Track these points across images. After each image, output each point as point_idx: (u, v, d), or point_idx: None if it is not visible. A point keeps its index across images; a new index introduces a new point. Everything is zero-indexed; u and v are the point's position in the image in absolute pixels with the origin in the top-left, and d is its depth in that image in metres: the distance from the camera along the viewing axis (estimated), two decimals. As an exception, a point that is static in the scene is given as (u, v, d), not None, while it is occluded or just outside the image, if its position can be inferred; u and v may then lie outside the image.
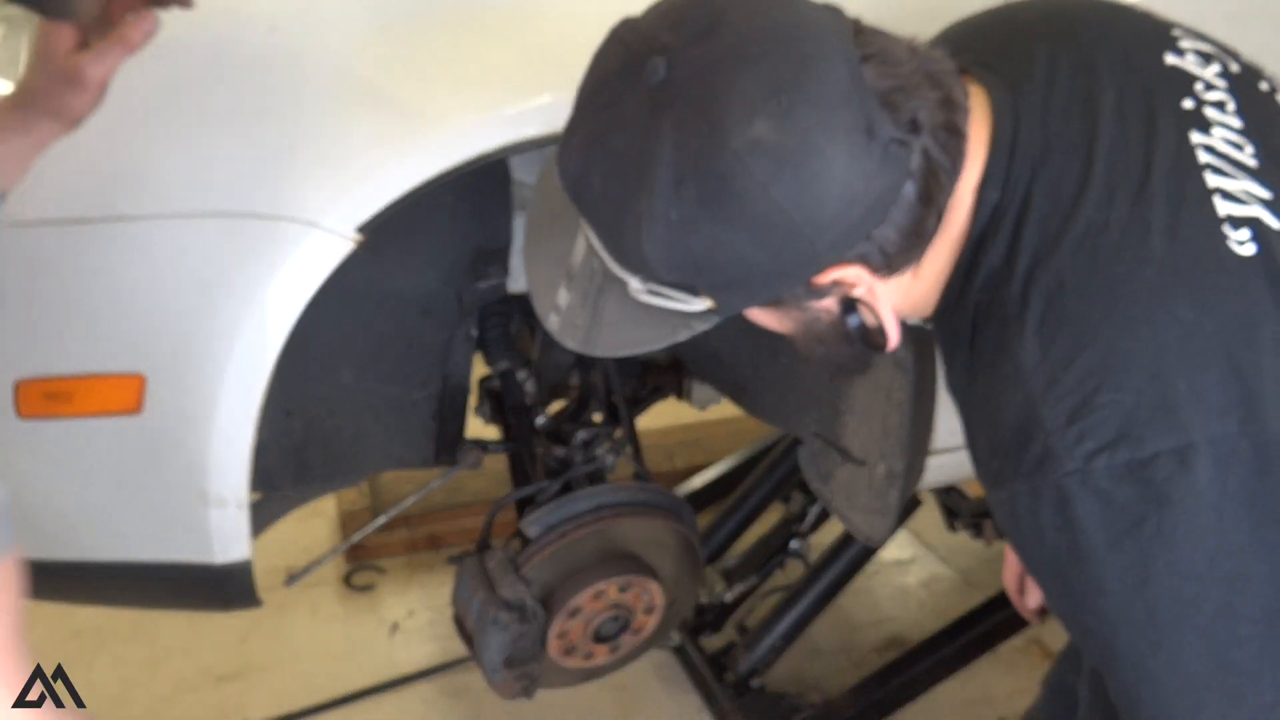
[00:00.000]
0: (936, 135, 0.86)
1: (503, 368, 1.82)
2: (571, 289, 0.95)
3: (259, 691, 2.36)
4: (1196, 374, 0.83)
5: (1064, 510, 0.84)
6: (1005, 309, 0.89)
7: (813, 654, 2.45)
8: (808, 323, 0.95)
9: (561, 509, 1.59)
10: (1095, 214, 0.88)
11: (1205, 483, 0.81)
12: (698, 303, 0.89)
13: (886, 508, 1.68)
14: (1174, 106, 0.93)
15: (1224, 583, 0.83)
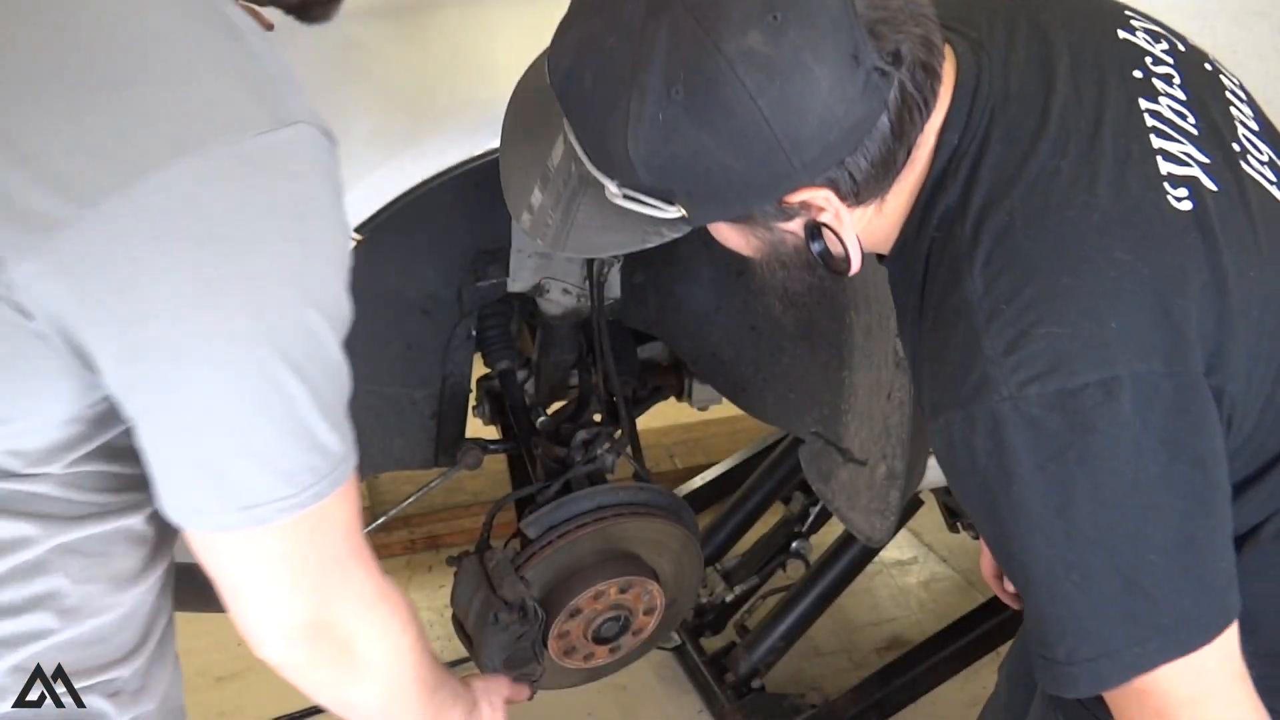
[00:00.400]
0: (914, 72, 0.89)
1: (502, 367, 1.82)
2: (546, 191, 0.97)
3: (258, 692, 2.36)
4: (1128, 313, 0.88)
5: (996, 435, 0.88)
6: (957, 246, 0.94)
7: (813, 655, 2.45)
8: (773, 244, 0.98)
9: (561, 509, 1.59)
10: (1048, 161, 0.93)
11: (1128, 415, 0.86)
12: (671, 210, 0.92)
13: (887, 508, 1.68)
14: (1124, 74, 0.99)
15: (1137, 511, 0.88)
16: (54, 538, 0.81)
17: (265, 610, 0.87)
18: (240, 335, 0.72)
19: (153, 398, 0.74)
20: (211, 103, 0.71)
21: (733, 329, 1.92)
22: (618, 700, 2.32)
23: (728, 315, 1.92)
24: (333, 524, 0.84)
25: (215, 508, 0.78)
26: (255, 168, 0.71)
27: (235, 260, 0.71)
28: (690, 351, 1.98)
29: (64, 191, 0.68)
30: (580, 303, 1.77)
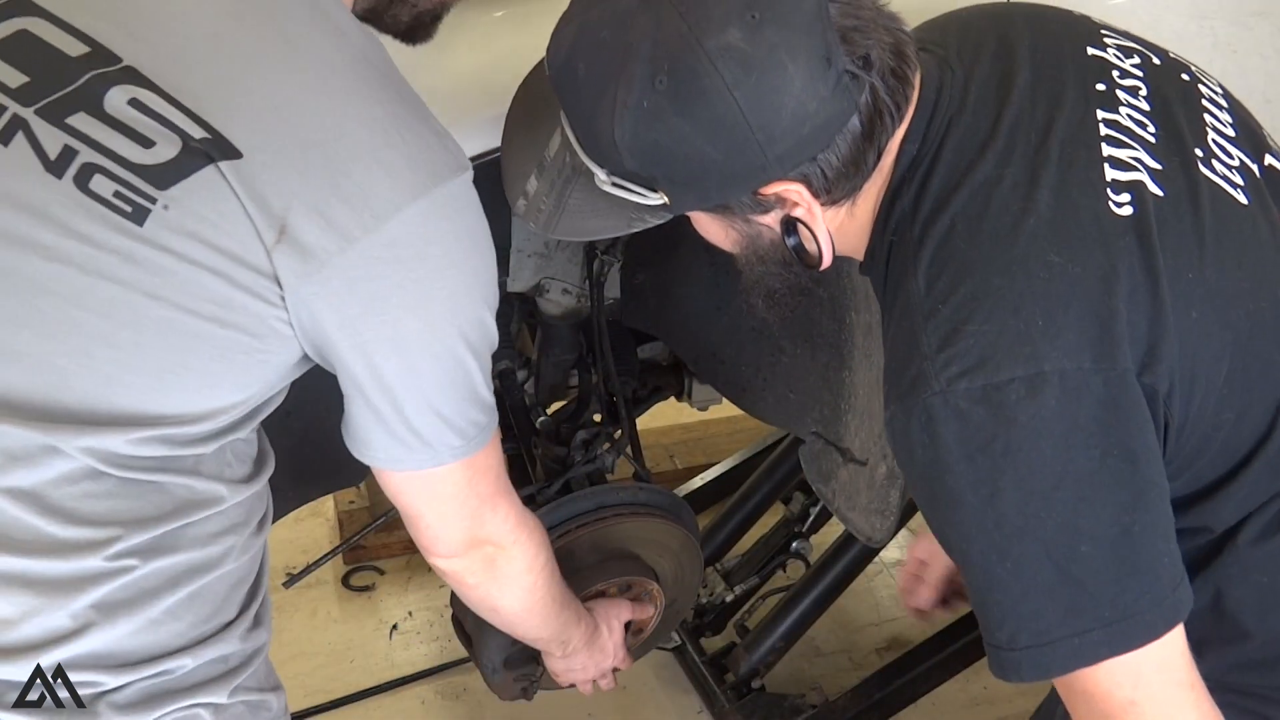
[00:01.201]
0: (885, 79, 0.95)
1: (502, 367, 1.82)
2: (541, 179, 1.05)
3: (258, 692, 2.36)
4: (1055, 312, 0.92)
5: (929, 428, 0.93)
6: (905, 249, 1.00)
7: (814, 655, 2.45)
8: (751, 237, 1.04)
9: (561, 509, 1.59)
10: (992, 170, 0.98)
11: (1052, 410, 0.90)
12: (654, 197, 0.98)
13: (887, 508, 1.67)
14: (1086, 87, 1.04)
15: (1068, 503, 0.92)
16: (236, 495, 1.02)
17: (437, 531, 1.14)
18: (441, 330, 0.99)
19: (373, 376, 0.98)
20: (420, 159, 0.94)
21: (733, 329, 1.92)
22: (618, 700, 2.32)
23: (728, 315, 1.92)
24: (487, 467, 1.11)
25: (410, 457, 1.04)
26: (457, 205, 0.97)
27: (445, 275, 0.97)
28: (690, 351, 1.98)
29: (332, 231, 0.91)
30: (580, 303, 1.77)
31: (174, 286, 0.90)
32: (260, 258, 0.90)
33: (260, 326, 0.94)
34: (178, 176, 0.89)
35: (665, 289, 1.92)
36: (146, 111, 0.90)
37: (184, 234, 0.90)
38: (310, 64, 0.94)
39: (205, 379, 0.95)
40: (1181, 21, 1.52)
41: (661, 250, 1.88)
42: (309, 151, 0.91)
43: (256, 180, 0.89)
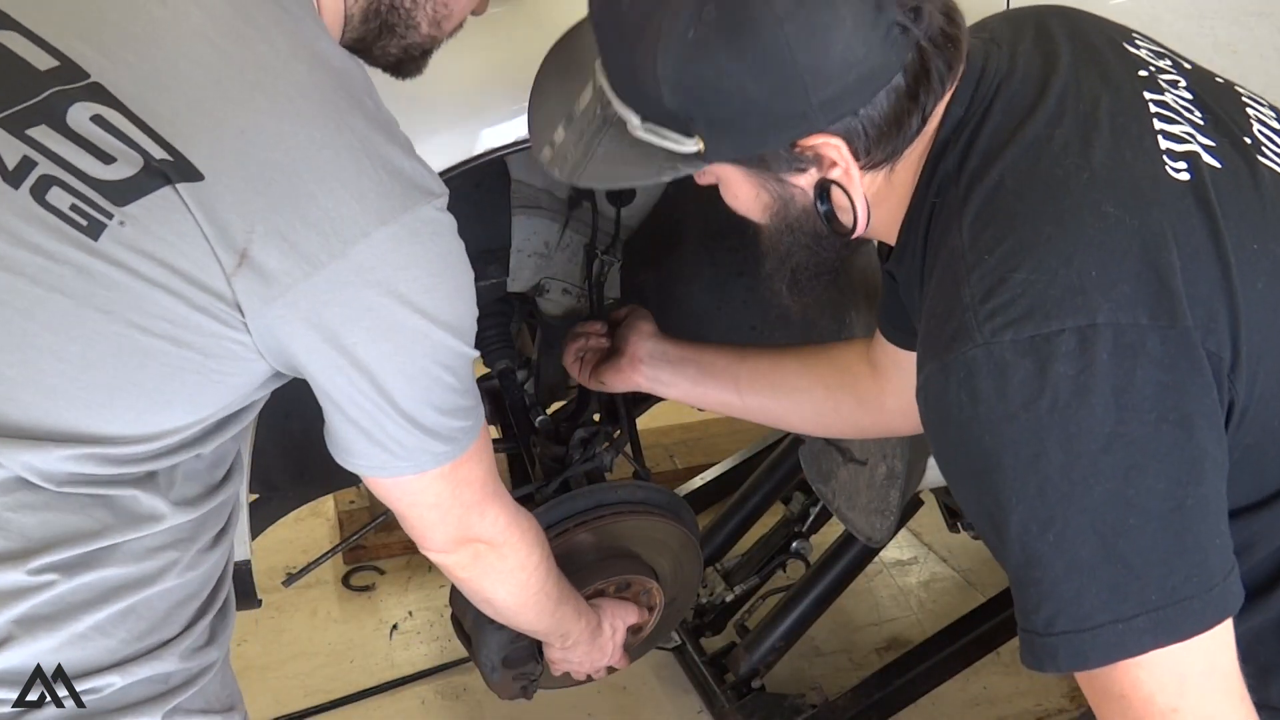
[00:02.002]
0: (935, 37, 0.92)
1: (501, 367, 1.82)
2: (569, 129, 1.02)
3: (258, 692, 2.36)
4: (1110, 263, 0.86)
5: (969, 384, 0.87)
6: (948, 208, 0.95)
7: (814, 655, 2.45)
8: (783, 200, 1.00)
9: (560, 508, 1.59)
10: (1043, 129, 0.94)
11: (1104, 365, 0.84)
12: (689, 144, 0.94)
13: (887, 508, 1.67)
14: (1129, 71, 1.01)
15: (1118, 470, 0.84)
16: (180, 515, 0.99)
17: (424, 530, 1.16)
18: (414, 352, 0.99)
19: (349, 395, 0.99)
20: (391, 186, 0.94)
21: (733, 329, 1.92)
22: (618, 700, 2.32)
23: (728, 315, 1.92)
24: (471, 476, 1.12)
25: (394, 463, 1.05)
26: (430, 230, 0.96)
27: (416, 300, 0.96)
28: (690, 351, 1.98)
29: (296, 256, 0.90)
30: (580, 303, 1.77)
31: (127, 303, 0.89)
32: (219, 282, 0.90)
33: (216, 348, 0.93)
34: (136, 194, 0.88)
35: (665, 289, 1.92)
36: (109, 129, 0.89)
37: (139, 252, 0.89)
38: (284, 90, 0.93)
39: (155, 398, 0.93)
40: (1181, 21, 1.52)
41: (661, 250, 1.88)
42: (275, 176, 0.90)
43: (217, 204, 0.89)
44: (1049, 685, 2.36)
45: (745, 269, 1.87)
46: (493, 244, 1.67)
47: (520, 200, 1.66)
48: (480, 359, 1.85)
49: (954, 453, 0.92)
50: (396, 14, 1.08)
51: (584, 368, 1.62)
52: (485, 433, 1.12)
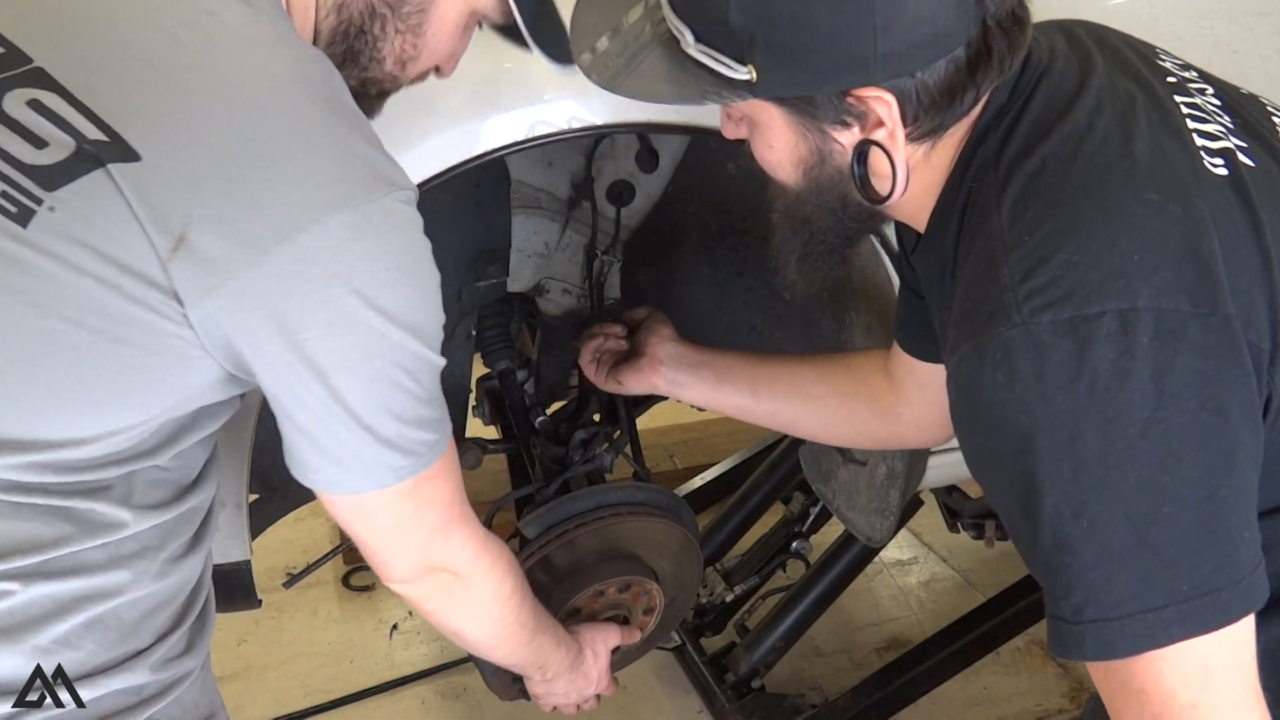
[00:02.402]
0: (1002, 19, 0.92)
1: (501, 367, 1.82)
2: (614, 40, 0.99)
3: (258, 692, 2.36)
4: (1152, 248, 0.85)
5: (1005, 364, 0.86)
6: (988, 191, 0.94)
7: (813, 655, 2.45)
8: (819, 155, 0.98)
9: (560, 509, 1.59)
10: (1083, 120, 0.94)
11: (1145, 349, 0.83)
12: (741, 71, 0.92)
13: (887, 508, 1.67)
14: (1159, 77, 1.01)
15: (1154, 456, 0.83)
16: (143, 521, 0.95)
17: (384, 557, 1.09)
18: (370, 353, 0.92)
19: (298, 398, 0.92)
20: (348, 173, 0.89)
21: (733, 329, 1.92)
22: (618, 700, 2.32)
23: (728, 315, 1.92)
24: (435, 497, 1.05)
25: (349, 479, 0.98)
26: (391, 222, 0.90)
27: (373, 295, 0.89)
28: (690, 351, 1.98)
29: (240, 241, 0.85)
30: (580, 303, 1.77)
31: (59, 296, 0.85)
32: (153, 269, 0.85)
33: (157, 344, 0.87)
34: (67, 178, 0.85)
35: (665, 289, 1.92)
36: (45, 113, 0.86)
37: (69, 239, 0.84)
38: (237, 73, 0.89)
39: (94, 398, 0.88)
40: (1181, 21, 1.52)
41: (661, 250, 1.88)
42: (221, 158, 0.85)
43: (153, 186, 0.84)
44: (1049, 685, 2.36)
45: (745, 269, 1.87)
46: (493, 244, 1.67)
47: (520, 200, 1.66)
48: (481, 359, 1.85)
49: (986, 436, 0.90)
50: (364, 41, 1.04)
51: (600, 368, 1.61)
52: (453, 450, 1.06)
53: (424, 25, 1.06)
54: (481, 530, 1.15)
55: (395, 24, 1.04)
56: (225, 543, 1.48)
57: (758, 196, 1.74)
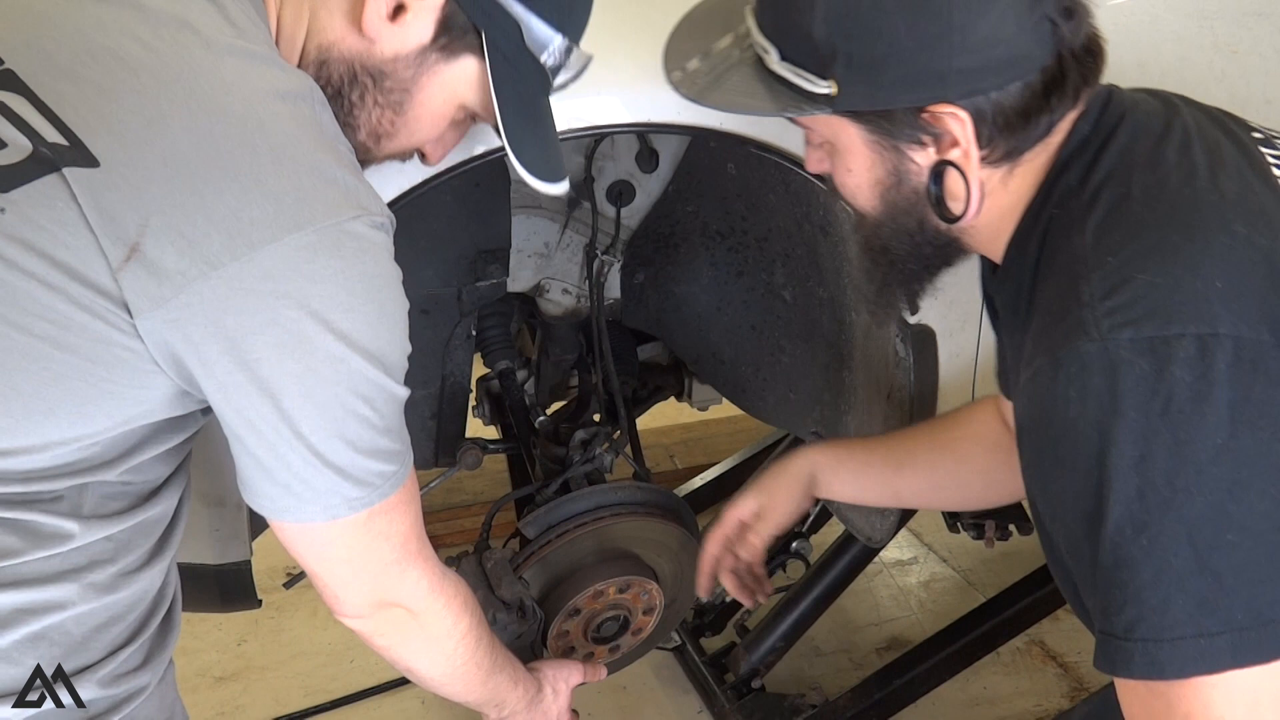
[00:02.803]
0: (1077, 48, 0.95)
1: (502, 367, 1.82)
2: (704, 62, 1.03)
3: (258, 692, 2.36)
4: (1238, 278, 0.86)
5: (1080, 379, 0.86)
6: (1071, 216, 0.96)
7: (813, 655, 2.45)
8: (896, 175, 1.00)
9: (559, 509, 1.59)
10: (1171, 155, 0.95)
11: (1222, 375, 0.83)
12: (822, 85, 0.95)
13: (887, 508, 1.67)
14: (1244, 130, 1.03)
15: (1223, 483, 0.83)
16: (92, 533, 0.92)
17: (335, 590, 1.05)
18: (324, 377, 0.89)
19: (248, 420, 0.89)
20: (313, 193, 0.86)
21: (733, 329, 1.92)
22: (618, 700, 2.32)
23: (728, 315, 1.92)
24: (391, 531, 1.01)
25: (300, 507, 0.95)
26: (355, 245, 0.88)
27: (330, 318, 0.87)
28: (690, 351, 1.98)
29: (194, 254, 0.83)
30: (580, 303, 1.77)
31: (5, 299, 0.83)
32: (103, 277, 0.83)
33: (104, 354, 0.85)
34: (20, 180, 0.83)
35: (665, 289, 1.92)
36: (8, 114, 0.85)
37: (18, 241, 0.83)
38: (207, 86, 0.87)
39: (35, 404, 0.86)
40: (1181, 21, 1.52)
41: (662, 250, 1.88)
42: (181, 169, 0.83)
43: (108, 193, 0.83)
44: (1049, 685, 2.36)
45: (745, 269, 1.87)
46: (493, 244, 1.67)
47: (520, 200, 1.66)
48: (481, 359, 1.85)
49: (1054, 449, 0.90)
50: (340, 103, 1.01)
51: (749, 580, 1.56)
52: (413, 483, 1.03)
53: (405, 105, 1.03)
54: (438, 566, 1.12)
55: (375, 96, 1.02)
56: (225, 543, 1.48)
57: (757, 196, 1.75)
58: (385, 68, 1.01)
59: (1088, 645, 0.93)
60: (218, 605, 1.58)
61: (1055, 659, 2.42)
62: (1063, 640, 2.46)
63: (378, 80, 1.01)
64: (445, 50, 1.02)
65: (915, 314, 1.11)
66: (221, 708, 2.32)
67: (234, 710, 2.32)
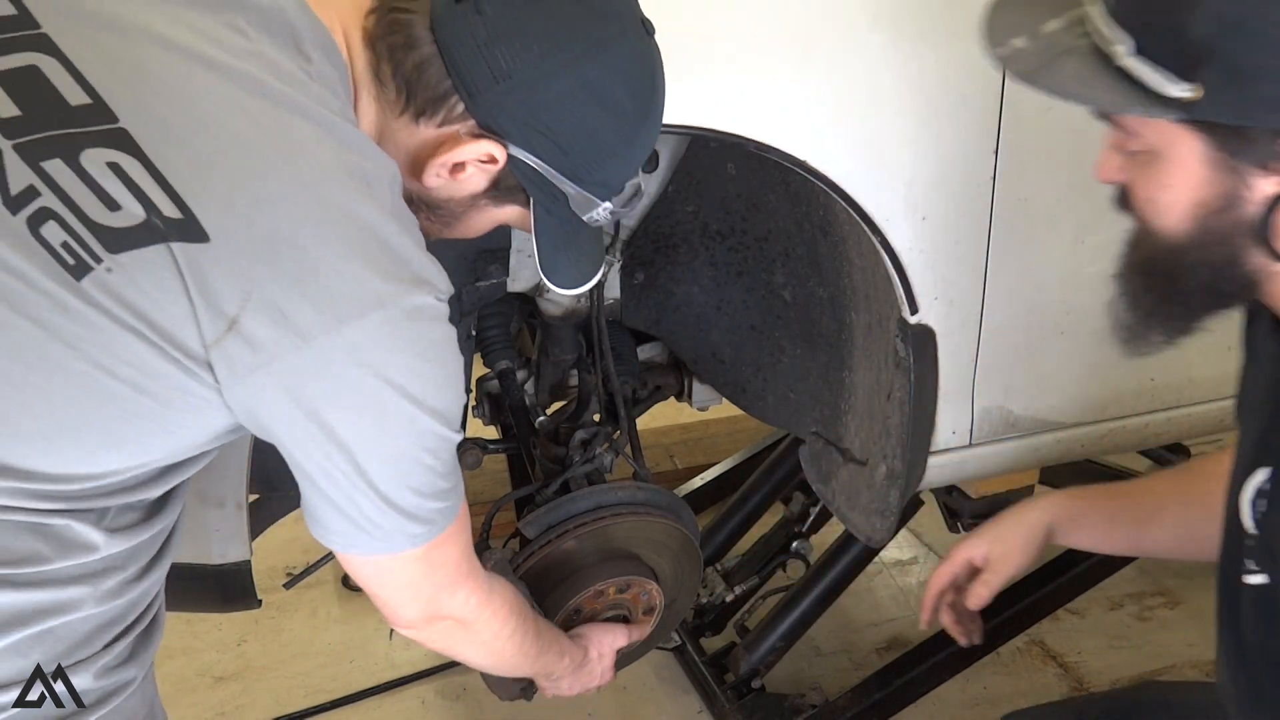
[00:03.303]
0: None
1: (502, 367, 1.82)
2: (1031, 42, 0.97)
3: (258, 692, 2.36)
4: None
5: None
6: None
7: (813, 655, 2.45)
8: (1226, 200, 0.92)
9: (559, 509, 1.59)
10: None
11: None
12: (1179, 88, 0.88)
13: (887, 508, 1.67)
14: None
15: None
16: (113, 545, 0.97)
17: (394, 609, 1.17)
18: (396, 435, 0.98)
19: (325, 470, 0.98)
20: (394, 272, 0.94)
21: (733, 329, 1.92)
22: (618, 700, 2.32)
23: (728, 315, 1.92)
24: (445, 558, 1.12)
25: (368, 543, 1.04)
26: (426, 317, 0.97)
27: (404, 385, 0.95)
28: (690, 351, 1.98)
29: (287, 327, 0.89)
30: (580, 303, 1.77)
31: (97, 343, 0.88)
32: (194, 343, 0.89)
33: (179, 400, 0.92)
34: (129, 245, 0.88)
35: (665, 289, 1.92)
36: (122, 176, 0.88)
37: (119, 300, 0.88)
38: (307, 167, 0.93)
39: (105, 440, 0.92)
40: (1181, 21, 1.52)
41: (661, 250, 1.88)
42: (281, 247, 0.89)
43: (214, 269, 0.88)
44: (1049, 685, 2.36)
45: (745, 269, 1.87)
46: (493, 244, 1.67)
47: (520, 200, 1.66)
48: (480, 359, 1.85)
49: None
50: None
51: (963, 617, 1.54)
52: (464, 512, 1.11)
53: (453, 223, 1.14)
54: (485, 582, 1.21)
55: (428, 214, 1.11)
56: (225, 543, 1.48)
57: (757, 196, 1.75)
58: (439, 204, 1.11)
59: (1088, 645, 0.94)
60: (218, 605, 1.58)
61: (1055, 659, 2.42)
62: (1063, 640, 2.45)
63: (431, 207, 1.11)
64: (495, 199, 1.11)
65: (1167, 346, 1.05)
66: (221, 708, 2.32)
67: (234, 710, 2.32)
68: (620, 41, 1.02)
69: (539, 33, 0.99)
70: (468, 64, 1.00)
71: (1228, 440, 1.27)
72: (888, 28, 1.36)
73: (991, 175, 1.47)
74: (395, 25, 1.01)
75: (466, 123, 1.03)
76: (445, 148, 1.04)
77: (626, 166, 1.10)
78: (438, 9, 1.00)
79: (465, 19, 0.99)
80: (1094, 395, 1.73)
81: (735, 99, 1.31)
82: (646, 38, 1.06)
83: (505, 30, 0.99)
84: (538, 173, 1.05)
